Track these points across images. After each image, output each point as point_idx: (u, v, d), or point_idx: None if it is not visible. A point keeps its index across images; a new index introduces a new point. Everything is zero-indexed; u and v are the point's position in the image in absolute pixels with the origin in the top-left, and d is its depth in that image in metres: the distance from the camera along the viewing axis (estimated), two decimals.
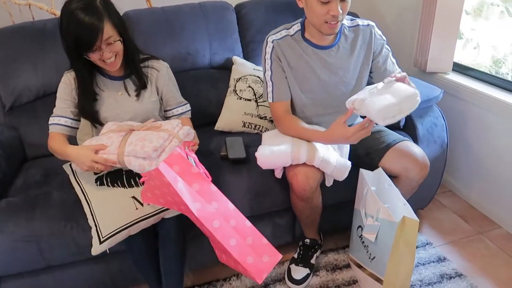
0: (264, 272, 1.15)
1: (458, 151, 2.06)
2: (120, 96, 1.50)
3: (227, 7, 2.04)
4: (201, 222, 1.11)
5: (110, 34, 1.32)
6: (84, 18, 1.27)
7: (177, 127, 1.41)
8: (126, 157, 1.33)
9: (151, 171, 1.15)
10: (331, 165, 1.41)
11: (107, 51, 1.34)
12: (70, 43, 1.32)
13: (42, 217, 1.39)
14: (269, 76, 1.52)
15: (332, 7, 1.35)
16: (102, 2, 1.32)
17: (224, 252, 1.22)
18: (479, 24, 2.25)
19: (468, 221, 1.94)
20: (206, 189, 1.17)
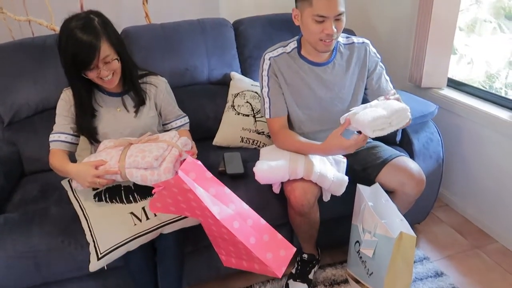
0: (283, 266, 1.19)
1: (454, 165, 2.08)
2: (118, 112, 1.51)
3: (225, 23, 2.07)
4: (220, 224, 1.14)
5: (107, 53, 1.34)
6: (82, 37, 1.29)
7: (174, 138, 1.44)
8: (127, 170, 1.34)
9: (169, 180, 1.16)
10: (329, 180, 1.43)
11: (104, 70, 1.36)
12: (68, 61, 1.34)
13: (40, 233, 1.39)
14: (266, 93, 1.55)
15: (326, 26, 1.38)
16: (100, 22, 1.35)
17: (235, 255, 1.26)
18: (472, 40, 2.29)
19: (465, 236, 1.95)
20: (221, 193, 1.21)
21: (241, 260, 1.27)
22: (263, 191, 1.57)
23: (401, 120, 1.31)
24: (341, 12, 1.37)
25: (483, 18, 2.23)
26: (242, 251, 1.21)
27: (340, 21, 1.40)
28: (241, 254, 1.24)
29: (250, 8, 2.26)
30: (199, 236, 1.49)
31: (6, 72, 1.77)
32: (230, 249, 1.27)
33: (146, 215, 1.36)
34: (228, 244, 1.25)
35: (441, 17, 1.93)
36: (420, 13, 1.99)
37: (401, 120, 1.31)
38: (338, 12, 1.37)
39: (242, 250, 1.20)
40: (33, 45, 1.82)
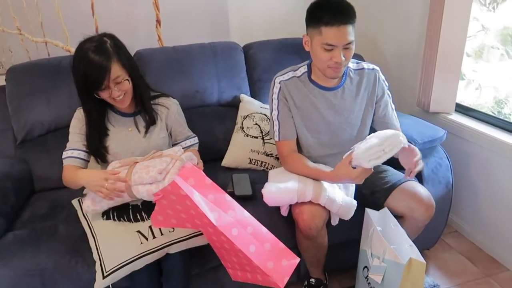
0: (285, 276, 1.15)
1: (463, 191, 2.06)
2: (130, 132, 1.53)
3: (235, 47, 2.12)
4: (220, 232, 1.12)
5: (118, 74, 1.37)
6: (93, 58, 1.33)
7: (179, 152, 1.45)
8: (133, 187, 1.35)
9: (166, 187, 1.16)
10: (337, 204, 1.42)
11: (116, 90, 1.39)
12: (80, 81, 1.38)
13: (47, 251, 1.39)
14: (276, 116, 1.56)
15: (335, 54, 1.40)
16: (113, 44, 1.39)
17: (239, 266, 1.23)
18: (480, 66, 2.31)
19: (475, 263, 1.92)
20: (221, 199, 1.19)
21: (245, 272, 1.24)
22: (271, 213, 1.56)
23: (394, 146, 1.31)
24: (349, 41, 1.39)
25: (491, 45, 2.25)
26: (244, 261, 1.18)
27: (349, 50, 1.42)
28: (244, 265, 1.21)
29: (260, 32, 2.31)
30: (206, 257, 1.49)
31: (21, 91, 1.82)
32: (233, 260, 1.24)
33: (153, 234, 1.37)
34: (230, 254, 1.23)
35: (449, 43, 1.96)
36: (428, 39, 2.02)
37: (394, 145, 1.31)
38: (347, 42, 1.39)
39: (244, 260, 1.17)
40: (48, 66, 1.87)
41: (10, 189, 1.61)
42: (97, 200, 1.40)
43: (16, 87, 1.82)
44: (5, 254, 1.37)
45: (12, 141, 1.83)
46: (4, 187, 1.59)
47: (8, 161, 1.75)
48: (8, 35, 2.01)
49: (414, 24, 2.20)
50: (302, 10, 1.44)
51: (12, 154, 1.82)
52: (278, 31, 2.31)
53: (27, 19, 2.00)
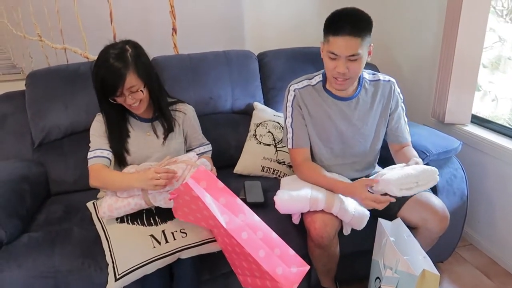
0: (294, 283, 1.15)
1: (478, 203, 2.03)
2: (148, 137, 1.56)
3: (250, 55, 2.14)
4: (230, 235, 1.12)
5: (133, 83, 1.40)
6: (112, 64, 1.36)
7: (193, 158, 1.47)
8: (150, 195, 1.37)
9: (179, 187, 1.18)
10: (349, 214, 1.41)
11: (130, 98, 1.42)
12: (97, 85, 1.42)
13: (61, 253, 1.41)
14: (290, 123, 1.56)
15: (338, 64, 1.40)
16: (133, 54, 1.41)
17: (249, 272, 1.22)
18: (496, 77, 2.28)
19: (490, 277, 1.87)
20: (232, 203, 1.20)
21: (255, 278, 1.24)
22: (283, 221, 1.56)
23: (429, 181, 1.35)
24: (353, 53, 1.37)
25: (507, 56, 2.23)
26: (254, 266, 1.18)
27: (355, 62, 1.40)
28: (254, 271, 1.20)
29: (275, 41, 2.33)
30: (216, 264, 1.49)
31: (40, 96, 1.86)
32: (244, 265, 1.24)
33: (166, 238, 1.37)
34: (241, 259, 1.23)
35: (464, 54, 1.94)
36: (444, 50, 2.01)
37: (429, 180, 1.34)
38: (350, 53, 1.37)
39: (253, 264, 1.16)
40: (67, 72, 1.91)
41: (27, 191, 1.64)
42: (114, 207, 1.41)
43: (35, 92, 1.87)
44: (20, 256, 1.39)
45: (30, 145, 1.86)
46: (21, 189, 1.62)
47: (25, 164, 1.78)
48: (29, 41, 2.06)
49: (430, 34, 2.19)
50: (316, 19, 1.46)
51: (30, 157, 1.85)
52: (292, 40, 2.32)
53: (48, 26, 2.06)
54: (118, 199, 1.42)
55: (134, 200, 1.41)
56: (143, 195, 1.39)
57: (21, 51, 2.08)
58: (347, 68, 1.40)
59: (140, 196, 1.40)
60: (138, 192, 1.40)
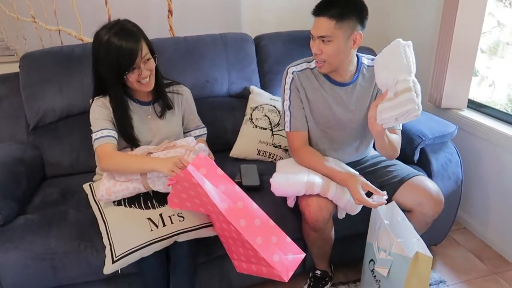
0: (290, 270, 1.17)
1: (473, 188, 2.04)
2: (148, 119, 1.55)
3: (246, 38, 2.11)
4: (228, 221, 1.13)
5: (146, 51, 1.40)
6: (121, 41, 1.34)
7: (192, 143, 1.47)
8: (149, 180, 1.37)
9: (179, 174, 1.18)
10: (345, 199, 1.42)
11: (145, 69, 1.41)
12: (112, 67, 1.37)
13: (58, 236, 1.42)
14: (288, 106, 1.55)
15: (313, 44, 1.42)
16: (133, 24, 1.42)
17: (245, 258, 1.25)
18: (494, 62, 2.27)
19: (483, 260, 1.90)
20: (231, 190, 1.21)
21: (250, 263, 1.26)
22: (278, 204, 1.57)
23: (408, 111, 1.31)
24: (324, 35, 1.37)
25: (506, 41, 2.21)
26: (250, 253, 1.20)
27: (327, 45, 1.39)
28: (250, 257, 1.23)
29: (272, 24, 2.31)
30: (213, 246, 1.50)
31: (34, 78, 1.84)
32: (240, 251, 1.26)
33: (163, 221, 1.38)
34: (237, 245, 1.25)
35: (462, 39, 1.93)
36: (442, 35, 1.99)
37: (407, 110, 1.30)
38: (321, 34, 1.38)
39: (250, 251, 1.18)
40: (61, 54, 1.89)
41: (22, 174, 1.63)
42: (112, 190, 1.41)
43: (29, 74, 1.85)
44: (16, 238, 1.40)
45: (24, 127, 1.85)
46: (16, 172, 1.62)
47: (20, 146, 1.78)
48: (23, 23, 2.03)
49: (428, 19, 2.17)
50: (314, 2, 1.43)
51: (24, 140, 1.84)
52: (289, 24, 2.29)
53: (42, 7, 2.02)
54: (117, 182, 1.41)
55: (132, 184, 1.40)
56: (142, 180, 1.39)
57: (14, 32, 2.05)
58: (320, 49, 1.40)
59: (139, 180, 1.40)
60: (137, 177, 1.40)
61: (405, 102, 1.29)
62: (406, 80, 1.30)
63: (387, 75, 1.32)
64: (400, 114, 1.30)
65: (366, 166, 1.65)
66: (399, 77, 1.30)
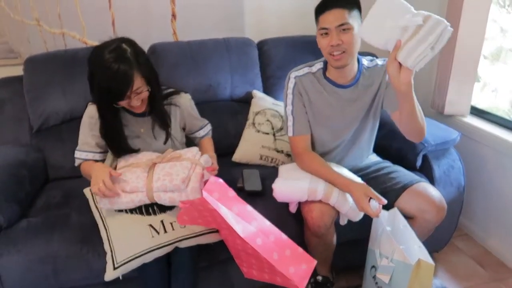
0: (305, 279, 1.21)
1: (475, 194, 2.04)
2: (142, 133, 1.54)
3: (249, 43, 2.12)
4: (246, 242, 1.16)
5: (140, 85, 1.34)
6: (117, 68, 1.28)
7: (197, 155, 1.45)
8: (155, 193, 1.36)
9: (195, 200, 1.20)
10: (347, 206, 1.42)
11: (135, 99, 1.36)
12: (102, 93, 1.34)
13: (60, 239, 1.42)
14: (290, 111, 1.56)
15: (331, 38, 1.41)
16: (133, 53, 1.33)
17: (256, 267, 1.29)
18: (497, 69, 2.27)
19: (484, 267, 1.90)
20: (244, 210, 1.24)
21: (262, 272, 1.29)
22: (280, 210, 1.57)
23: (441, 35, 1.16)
24: (343, 23, 1.38)
25: (509, 47, 2.22)
26: (265, 265, 1.22)
27: (346, 33, 1.40)
28: (263, 268, 1.26)
29: (275, 29, 2.31)
30: (215, 251, 1.50)
31: (38, 81, 1.85)
32: (252, 262, 1.29)
33: (164, 228, 1.38)
34: (251, 258, 1.27)
35: (465, 45, 1.93)
36: None
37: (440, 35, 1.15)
38: (339, 23, 1.38)
39: (265, 264, 1.21)
40: (65, 57, 1.90)
41: (25, 176, 1.64)
42: (116, 201, 1.37)
43: (33, 77, 1.85)
44: (19, 241, 1.40)
45: (28, 130, 1.86)
46: (19, 174, 1.62)
47: (24, 149, 1.78)
48: (27, 26, 2.04)
49: None
50: None
51: (27, 142, 1.85)
52: (292, 28, 2.30)
53: (46, 10, 2.03)
54: (121, 194, 1.37)
55: (138, 197, 1.37)
56: (147, 192, 1.36)
57: (19, 35, 2.06)
58: (340, 39, 1.40)
59: (144, 193, 1.36)
60: (143, 189, 1.36)
61: (434, 26, 1.15)
62: (417, 12, 1.19)
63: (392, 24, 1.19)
64: (434, 40, 1.15)
65: (368, 172, 1.65)
66: (407, 15, 1.18)
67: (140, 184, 1.36)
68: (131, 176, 1.38)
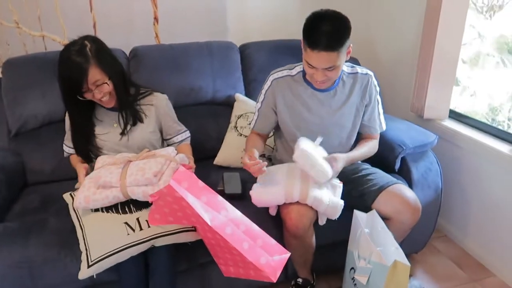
0: (278, 270, 1.20)
1: (453, 196, 2.08)
2: (114, 128, 1.57)
3: (232, 47, 2.13)
4: (215, 231, 1.16)
5: (97, 77, 1.43)
6: (73, 61, 1.40)
7: (172, 153, 1.48)
8: (129, 188, 1.37)
9: (162, 189, 1.20)
10: (324, 204, 1.44)
11: (97, 92, 1.45)
12: (63, 84, 1.45)
13: (37, 243, 1.40)
14: (258, 108, 1.65)
15: (316, 73, 1.44)
16: (93, 48, 1.43)
17: (232, 262, 1.27)
18: (475, 73, 2.32)
19: (462, 268, 1.93)
20: (213, 200, 1.24)
21: (238, 267, 1.28)
22: (260, 212, 1.57)
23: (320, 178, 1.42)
24: (329, 66, 1.40)
25: (486, 52, 2.27)
26: (237, 258, 1.22)
27: (332, 71, 1.43)
28: (237, 261, 1.25)
29: (257, 33, 2.32)
30: (193, 254, 1.50)
31: (17, 84, 1.83)
32: (227, 257, 1.28)
33: (140, 225, 1.38)
34: (224, 251, 1.26)
35: (444, 50, 1.97)
36: (423, 45, 2.03)
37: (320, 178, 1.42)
38: (326, 66, 1.40)
39: (237, 256, 1.20)
40: (44, 60, 1.88)
41: (2, 181, 1.62)
42: (92, 199, 1.40)
43: (12, 80, 1.83)
44: None
45: (6, 134, 1.84)
46: None
47: (1, 153, 1.76)
48: (6, 28, 2.02)
49: (410, 29, 2.21)
50: (299, 12, 1.46)
51: (5, 146, 1.83)
52: (275, 32, 2.32)
53: (25, 12, 2.01)
54: (97, 191, 1.40)
55: (112, 193, 1.39)
56: (121, 188, 1.38)
57: None
58: (325, 75, 1.44)
59: (118, 189, 1.39)
60: (117, 184, 1.39)
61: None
62: None
63: None
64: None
65: (347, 175, 1.66)
66: None
67: (113, 180, 1.38)
68: (105, 173, 1.41)
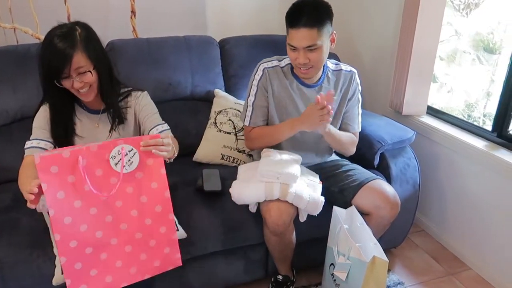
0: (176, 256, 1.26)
1: (430, 191, 2.11)
2: (96, 128, 1.48)
3: (211, 41, 2.10)
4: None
5: (81, 64, 1.30)
6: (57, 44, 1.28)
7: None
8: None
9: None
10: (304, 200, 1.43)
11: (77, 80, 1.32)
12: (43, 67, 1.32)
13: (8, 244, 1.36)
14: (252, 102, 1.59)
15: (298, 56, 1.43)
16: (83, 34, 1.32)
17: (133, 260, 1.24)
18: (452, 70, 2.36)
19: (439, 262, 1.96)
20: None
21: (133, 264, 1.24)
22: (240, 210, 1.56)
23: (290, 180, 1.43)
24: (311, 44, 1.39)
25: (463, 50, 2.31)
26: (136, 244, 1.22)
27: (314, 52, 1.42)
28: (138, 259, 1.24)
29: (237, 28, 2.30)
30: None
31: None
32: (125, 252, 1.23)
33: None
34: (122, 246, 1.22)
35: (421, 47, 1.99)
36: (401, 43, 2.05)
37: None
38: (308, 45, 1.40)
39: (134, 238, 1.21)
40: (16, 53, 1.81)
41: None
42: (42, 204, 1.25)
43: None
44: None
45: None
46: None
47: None
48: None
49: (389, 26, 2.23)
50: (280, 7, 1.45)
51: None
52: (255, 27, 2.30)
53: None
54: None
55: None
56: None
57: None
58: (307, 58, 1.42)
59: None
60: None
61: None
62: None
63: None
64: None
65: (327, 171, 1.67)
66: None
67: None
68: None
